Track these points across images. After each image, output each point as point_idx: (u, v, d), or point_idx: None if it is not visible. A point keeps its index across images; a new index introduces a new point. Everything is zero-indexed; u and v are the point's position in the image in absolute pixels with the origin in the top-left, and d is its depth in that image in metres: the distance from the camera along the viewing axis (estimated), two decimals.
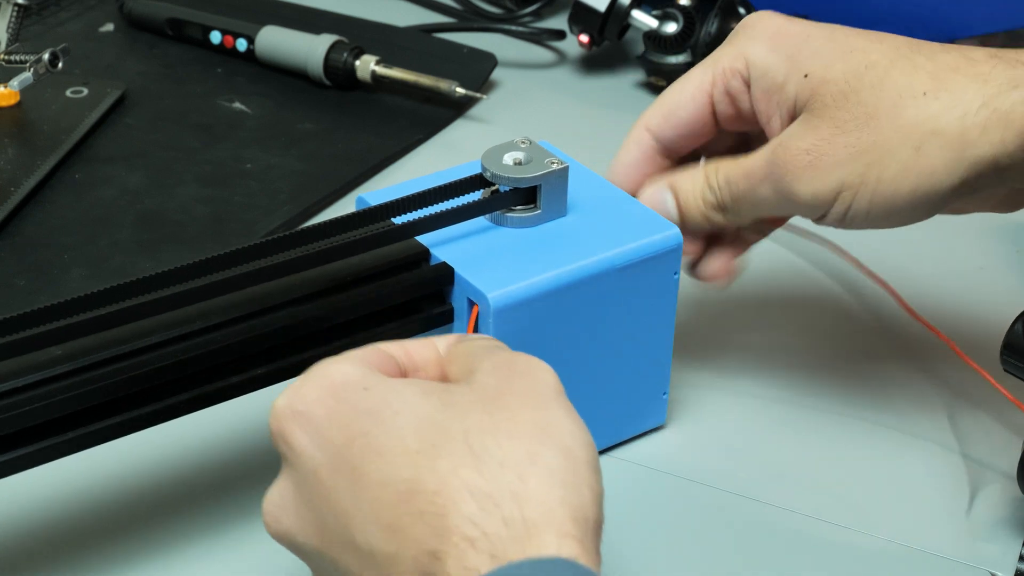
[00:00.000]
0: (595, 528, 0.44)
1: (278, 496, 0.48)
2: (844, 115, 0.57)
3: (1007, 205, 0.61)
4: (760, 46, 0.60)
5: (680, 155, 0.64)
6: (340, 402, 0.46)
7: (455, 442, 0.44)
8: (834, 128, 0.57)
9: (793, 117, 0.59)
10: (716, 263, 0.64)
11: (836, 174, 0.57)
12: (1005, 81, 0.55)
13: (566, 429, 0.45)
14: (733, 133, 0.64)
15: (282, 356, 0.55)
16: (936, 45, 0.58)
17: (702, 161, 0.63)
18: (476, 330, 0.57)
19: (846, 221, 0.58)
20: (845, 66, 0.57)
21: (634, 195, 0.63)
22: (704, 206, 0.61)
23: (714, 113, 0.62)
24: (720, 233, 0.64)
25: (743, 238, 0.65)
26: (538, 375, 0.47)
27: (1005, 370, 0.58)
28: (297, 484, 0.47)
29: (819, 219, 0.59)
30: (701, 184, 0.61)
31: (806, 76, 0.58)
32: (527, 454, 0.44)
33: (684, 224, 0.62)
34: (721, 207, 0.61)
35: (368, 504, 0.44)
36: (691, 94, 0.61)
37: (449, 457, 0.44)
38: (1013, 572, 0.58)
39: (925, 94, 0.56)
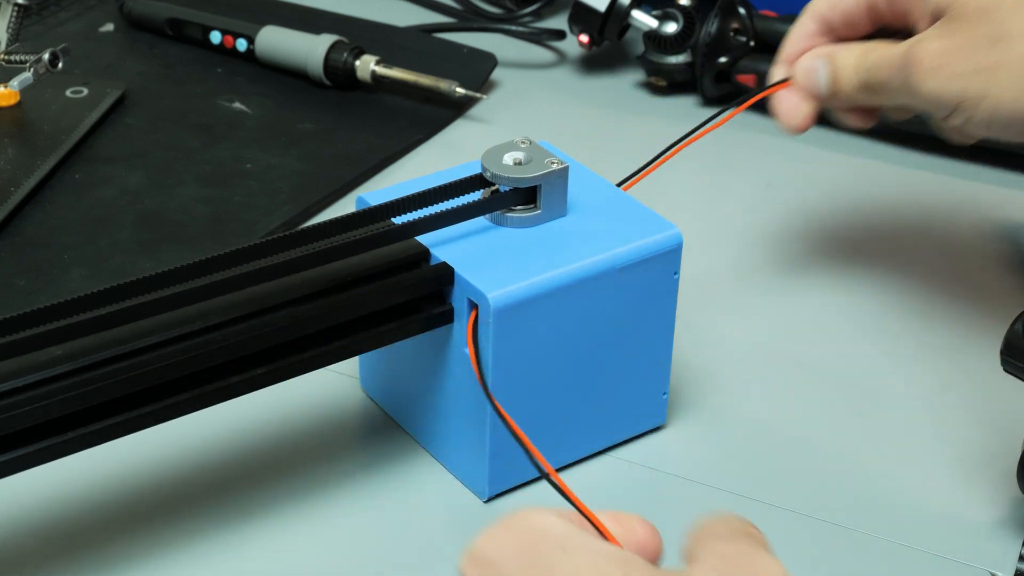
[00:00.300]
0: None
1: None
2: (978, 30, 0.60)
3: None
4: None
5: (843, 38, 0.68)
6: (533, 557, 0.41)
7: None
8: (966, 40, 0.60)
9: (935, 19, 0.62)
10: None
11: (958, 84, 0.60)
12: None
13: None
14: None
15: (282, 356, 0.55)
16: None
17: (862, 43, 0.66)
18: (476, 331, 0.57)
19: (968, 128, 0.62)
20: None
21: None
22: (854, 81, 0.65)
23: (870, 7, 0.66)
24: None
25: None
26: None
27: (1005, 370, 0.58)
28: None
29: (943, 120, 0.62)
30: (855, 61, 0.65)
31: None
32: None
33: (833, 97, 0.66)
34: (866, 87, 0.65)
35: None
36: None
37: None
38: (1013, 572, 0.58)
39: None
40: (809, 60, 0.67)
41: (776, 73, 0.69)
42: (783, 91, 0.68)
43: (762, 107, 0.72)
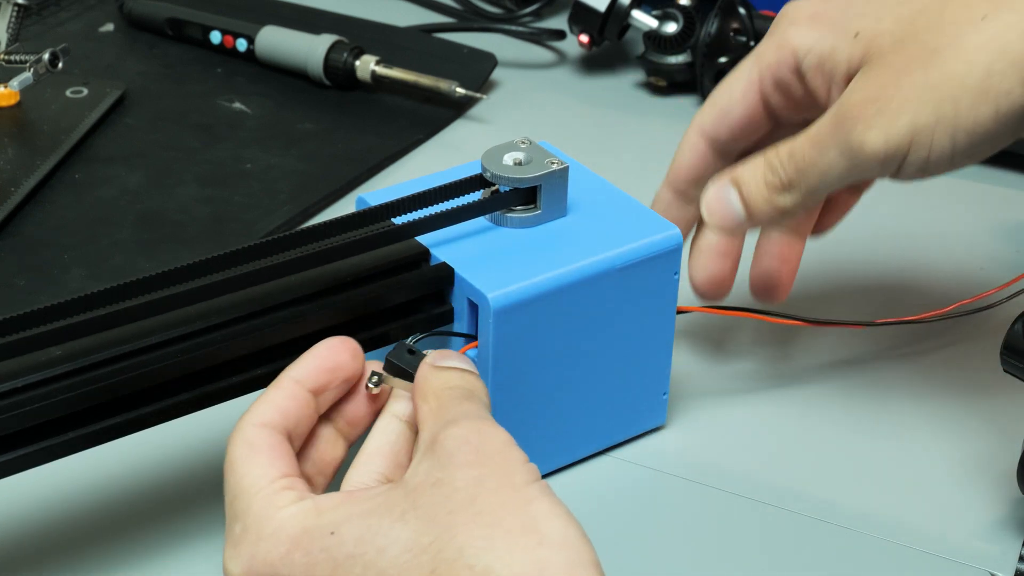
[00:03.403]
0: None
1: None
2: (905, 57, 0.54)
3: None
4: (801, 27, 0.58)
5: (735, 155, 0.62)
6: (311, 554, 0.45)
7: (455, 566, 0.42)
8: (897, 71, 0.54)
9: (849, 79, 0.56)
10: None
11: (907, 115, 0.54)
12: None
13: (558, 524, 0.43)
14: (790, 127, 0.62)
15: (282, 356, 0.55)
16: None
17: (759, 151, 0.60)
18: (476, 331, 0.57)
19: (930, 165, 0.55)
20: (896, 16, 0.55)
21: (694, 200, 0.62)
22: (768, 191, 0.58)
23: (766, 108, 0.60)
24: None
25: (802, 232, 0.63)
26: (509, 457, 0.45)
27: (1005, 370, 0.58)
28: None
29: (897, 172, 0.55)
30: (762, 168, 0.58)
31: (856, 35, 0.56)
32: (535, 563, 0.42)
33: (752, 218, 0.59)
34: (787, 185, 0.57)
35: None
36: (742, 92, 0.60)
37: None
38: (1013, 572, 0.58)
39: (985, 18, 0.53)
40: (712, 191, 0.60)
41: (662, 196, 0.63)
42: (695, 247, 0.62)
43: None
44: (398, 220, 0.58)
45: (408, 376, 0.51)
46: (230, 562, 0.46)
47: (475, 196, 0.59)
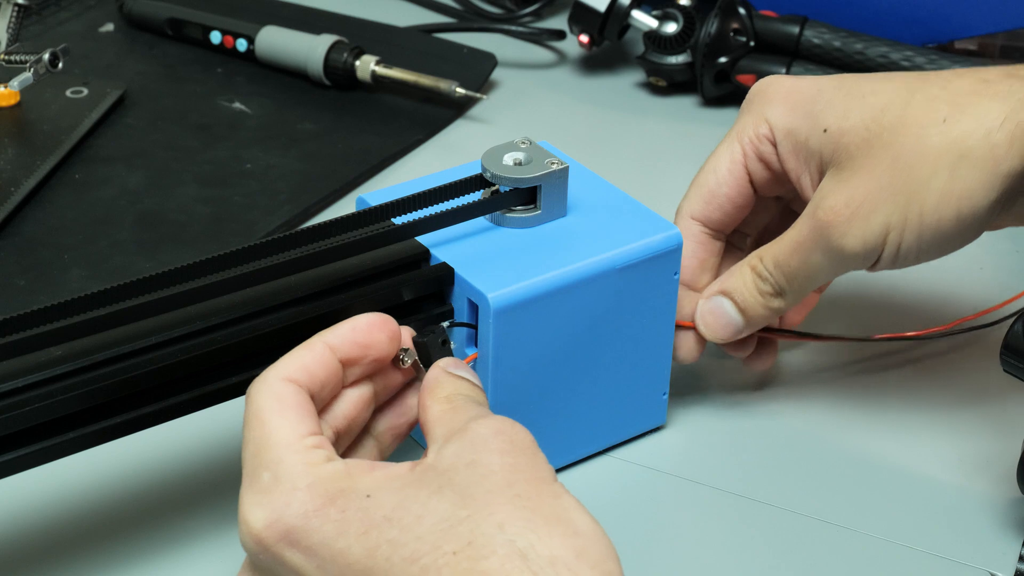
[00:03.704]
0: None
1: None
2: (871, 161, 0.57)
3: None
4: (777, 107, 0.61)
5: (728, 231, 0.64)
6: (346, 512, 0.45)
7: (494, 540, 0.43)
8: (865, 176, 0.57)
9: (822, 172, 0.59)
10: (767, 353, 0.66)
11: (878, 218, 0.57)
12: None
13: (587, 519, 0.45)
14: (773, 202, 0.65)
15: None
16: (947, 72, 0.59)
17: (743, 261, 0.62)
18: (476, 331, 0.57)
19: (899, 260, 0.58)
20: (861, 113, 0.58)
21: (699, 289, 0.63)
22: (762, 298, 0.61)
23: (752, 183, 0.62)
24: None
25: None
26: (538, 453, 0.47)
27: (1005, 370, 0.58)
28: None
29: (873, 266, 0.59)
30: (751, 278, 0.61)
31: (825, 131, 0.59)
32: (572, 549, 0.44)
33: (751, 324, 0.62)
34: (779, 291, 0.61)
35: None
36: (727, 170, 0.62)
37: (494, 557, 0.43)
38: (1013, 572, 0.58)
39: (945, 120, 0.56)
40: (707, 307, 0.62)
41: (682, 299, 0.63)
42: (682, 334, 0.63)
43: None
44: (398, 220, 0.58)
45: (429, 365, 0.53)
46: (254, 509, 0.46)
47: (475, 196, 0.59)
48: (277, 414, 0.48)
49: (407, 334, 0.53)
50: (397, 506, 0.45)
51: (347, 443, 0.53)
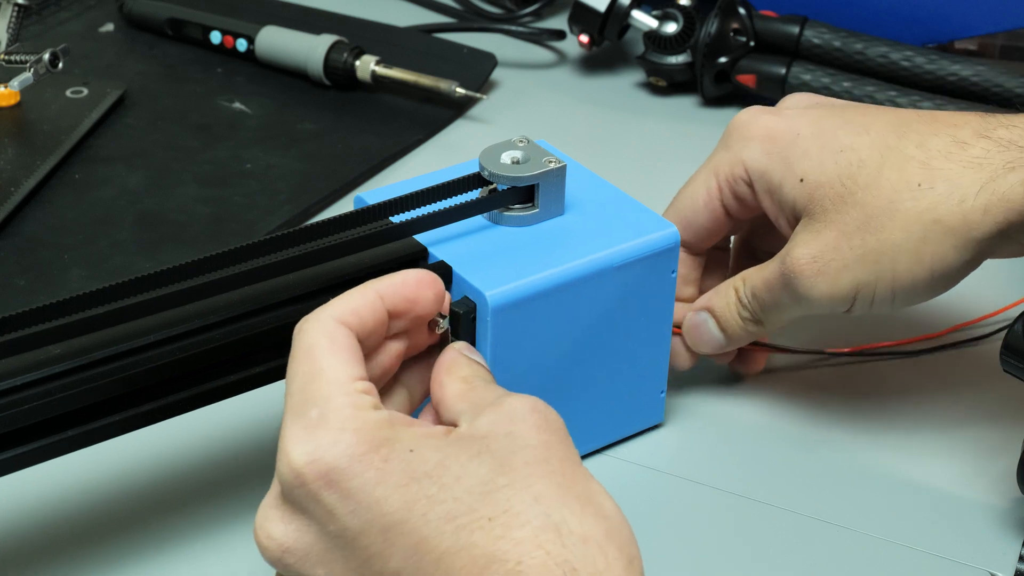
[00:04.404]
0: None
1: (296, 544, 0.46)
2: (844, 218, 0.58)
3: None
4: (754, 149, 0.61)
5: (705, 249, 0.66)
6: (389, 462, 0.45)
7: (530, 511, 0.44)
8: (837, 233, 0.58)
9: (796, 217, 0.60)
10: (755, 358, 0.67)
11: (847, 277, 0.59)
12: (1000, 164, 0.57)
13: (613, 504, 0.46)
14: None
15: (281, 355, 0.55)
16: (923, 127, 0.59)
17: (730, 281, 0.64)
18: (475, 331, 0.57)
19: (874, 309, 0.60)
20: (837, 168, 0.59)
21: (683, 300, 0.65)
22: (742, 321, 0.63)
23: (728, 214, 0.63)
24: None
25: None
26: (567, 435, 0.48)
27: (1005, 370, 0.58)
28: (330, 543, 0.46)
29: (847, 312, 0.60)
30: (734, 301, 0.63)
31: (801, 180, 0.60)
32: (603, 529, 0.45)
33: (731, 342, 0.64)
34: (756, 319, 0.63)
35: (433, 569, 0.44)
36: (703, 203, 0.63)
37: (528, 527, 0.44)
38: (1013, 572, 0.57)
39: (920, 185, 0.57)
40: (693, 321, 0.64)
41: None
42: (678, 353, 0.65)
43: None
44: (396, 219, 0.58)
45: (456, 336, 0.53)
46: (297, 444, 0.46)
47: (473, 195, 0.59)
48: (329, 353, 0.48)
49: (447, 299, 0.53)
50: (438, 464, 0.45)
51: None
